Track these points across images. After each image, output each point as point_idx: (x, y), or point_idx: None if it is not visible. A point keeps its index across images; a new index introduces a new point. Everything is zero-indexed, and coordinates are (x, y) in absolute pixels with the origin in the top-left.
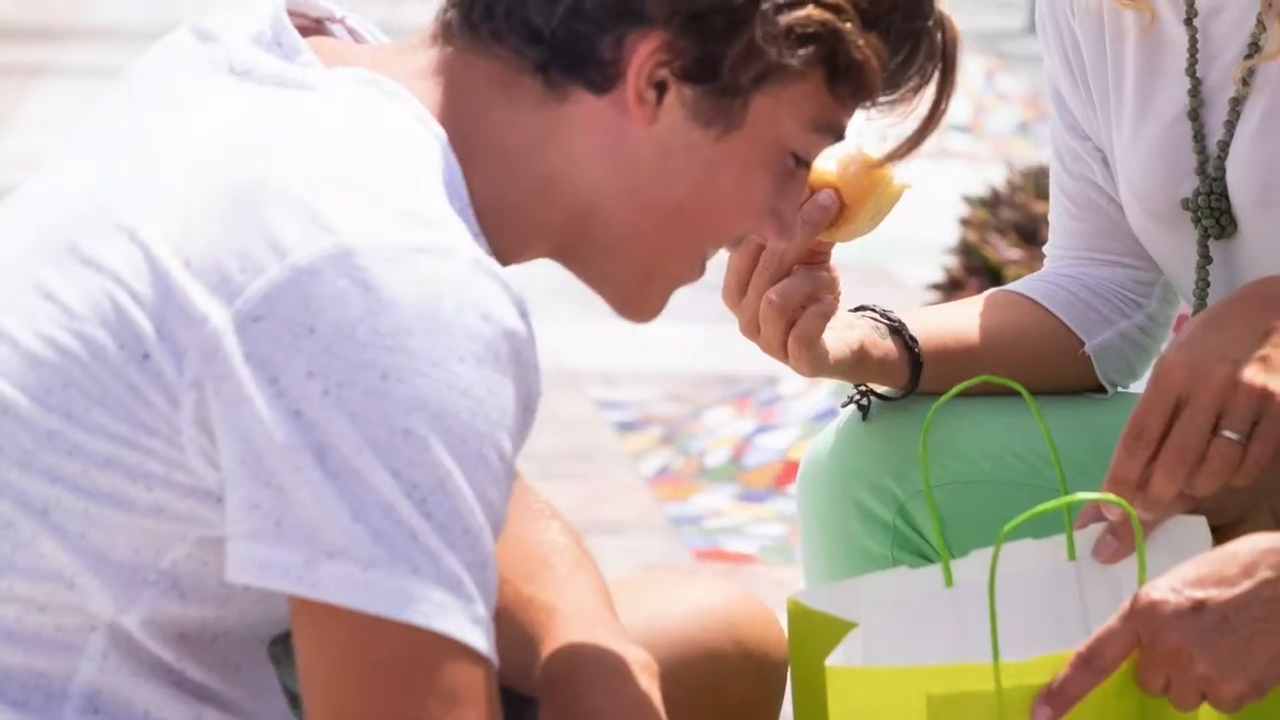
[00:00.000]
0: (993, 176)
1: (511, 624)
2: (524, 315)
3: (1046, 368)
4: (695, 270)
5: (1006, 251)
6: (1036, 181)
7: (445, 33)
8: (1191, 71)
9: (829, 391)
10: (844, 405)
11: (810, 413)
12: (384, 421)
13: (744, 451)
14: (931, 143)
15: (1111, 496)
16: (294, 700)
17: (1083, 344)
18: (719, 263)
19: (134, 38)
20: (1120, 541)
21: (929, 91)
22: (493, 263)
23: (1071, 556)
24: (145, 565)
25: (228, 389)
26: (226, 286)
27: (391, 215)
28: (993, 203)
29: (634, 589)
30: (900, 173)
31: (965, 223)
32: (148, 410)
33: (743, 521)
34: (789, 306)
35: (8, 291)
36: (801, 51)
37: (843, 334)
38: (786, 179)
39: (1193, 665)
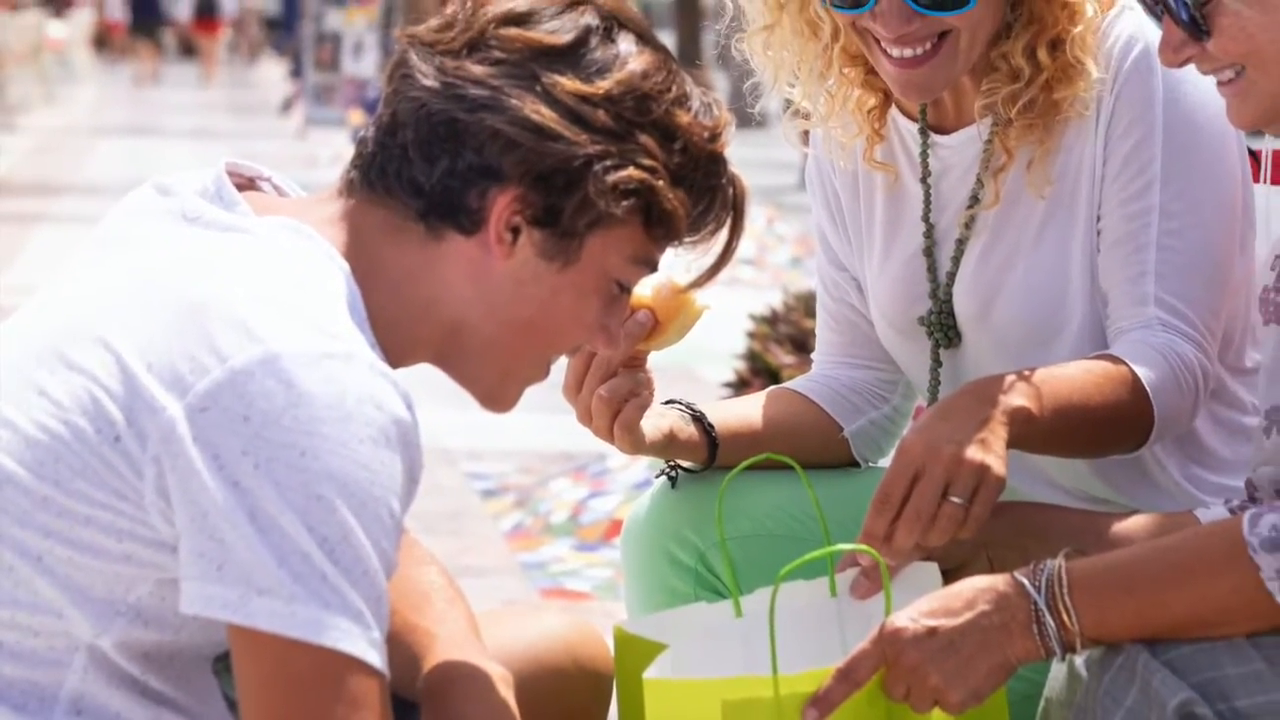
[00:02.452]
0: (772, 299)
1: (400, 645)
2: (409, 406)
3: (814, 447)
4: (542, 372)
5: (783, 358)
6: (806, 303)
7: (349, 188)
8: (926, 218)
9: (646, 465)
10: (657, 476)
11: (631, 482)
12: (302, 489)
13: (580, 512)
14: (725, 273)
15: (864, 547)
16: (232, 705)
17: (842, 429)
18: (560, 366)
19: (115, 192)
20: (871, 582)
21: (723, 233)
22: (385, 366)
23: (833, 594)
24: (117, 600)
25: (181, 464)
26: (180, 384)
27: (307, 329)
28: (772, 320)
29: (495, 619)
30: (701, 296)
31: (751, 335)
32: (119, 480)
33: (579, 567)
34: (615, 400)
35: (10, 388)
36: (624, 203)
37: (656, 421)
38: (612, 301)
39: (927, 678)
